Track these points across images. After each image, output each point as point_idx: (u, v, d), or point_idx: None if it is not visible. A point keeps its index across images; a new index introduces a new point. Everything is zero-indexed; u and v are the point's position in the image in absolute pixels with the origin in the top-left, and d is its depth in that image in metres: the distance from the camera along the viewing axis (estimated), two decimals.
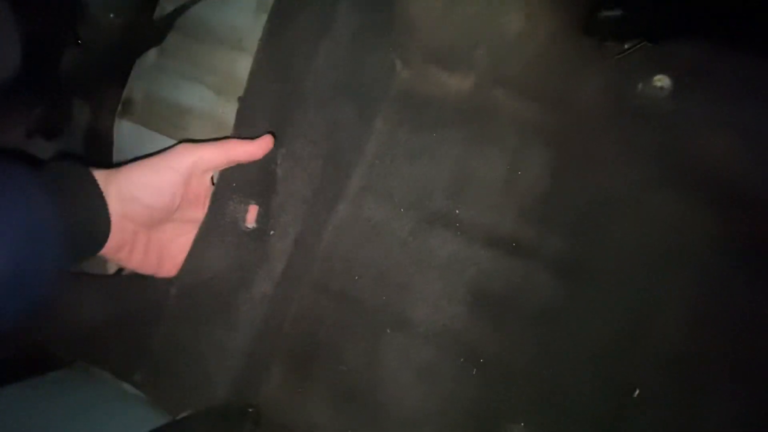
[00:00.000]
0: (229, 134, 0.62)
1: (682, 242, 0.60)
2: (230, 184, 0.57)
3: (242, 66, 0.66)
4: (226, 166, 0.56)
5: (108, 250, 0.46)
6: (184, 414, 0.49)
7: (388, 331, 0.63)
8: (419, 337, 0.63)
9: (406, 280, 0.64)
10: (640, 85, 0.61)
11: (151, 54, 0.69)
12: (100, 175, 0.44)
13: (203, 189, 0.56)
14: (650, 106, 0.61)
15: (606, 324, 0.60)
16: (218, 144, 0.54)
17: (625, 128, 0.61)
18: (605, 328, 0.60)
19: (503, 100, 0.66)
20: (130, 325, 0.47)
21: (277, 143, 0.60)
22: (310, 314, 0.64)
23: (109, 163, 0.66)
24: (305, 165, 0.61)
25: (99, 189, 0.43)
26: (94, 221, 0.43)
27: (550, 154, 0.64)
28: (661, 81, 0.61)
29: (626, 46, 0.59)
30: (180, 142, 0.58)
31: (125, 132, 0.67)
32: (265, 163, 0.59)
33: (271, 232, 0.60)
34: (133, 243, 0.50)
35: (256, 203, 0.59)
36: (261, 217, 0.59)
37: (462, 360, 0.61)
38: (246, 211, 0.59)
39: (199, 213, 0.57)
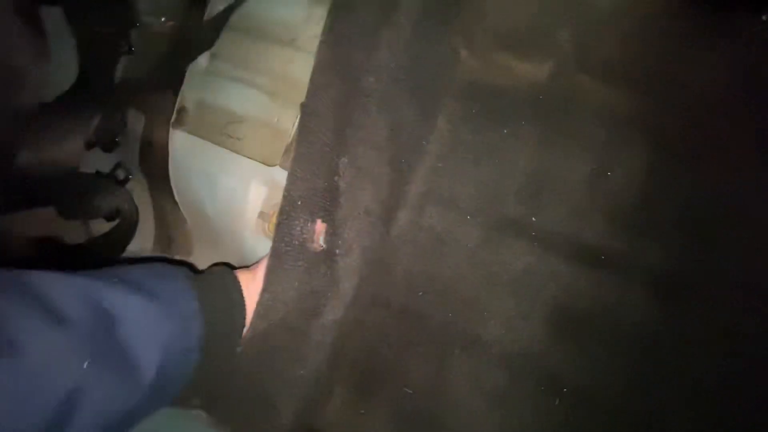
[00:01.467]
0: (286, 142, 0.59)
1: None
2: (295, 202, 0.51)
3: (297, 66, 0.61)
4: None
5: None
6: None
7: (456, 351, 0.58)
8: (492, 360, 0.57)
9: (476, 296, 0.58)
10: None
11: (203, 59, 0.66)
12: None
13: None
14: None
15: (714, 354, 0.51)
16: None
17: (756, 116, 0.50)
18: (713, 360, 0.51)
19: (588, 88, 0.57)
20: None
21: (339, 151, 0.54)
22: (372, 331, 0.60)
23: (165, 174, 0.65)
24: (368, 173, 0.55)
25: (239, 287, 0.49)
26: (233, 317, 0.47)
27: (647, 151, 0.55)
28: None
29: (765, 18, 0.47)
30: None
31: (179, 142, 0.65)
32: (329, 174, 0.53)
33: (337, 251, 0.54)
34: None
35: (323, 220, 0.53)
36: (329, 236, 0.53)
37: (542, 388, 0.55)
38: (313, 231, 0.52)
39: None
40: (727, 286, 0.52)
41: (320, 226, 0.53)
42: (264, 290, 0.50)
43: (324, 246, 0.53)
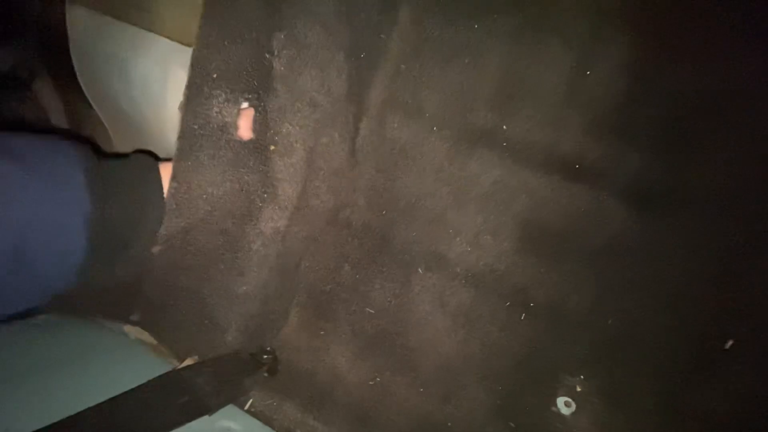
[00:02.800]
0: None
1: None
2: (209, 74, 0.41)
3: None
4: None
5: None
6: (188, 361, 0.45)
7: (420, 270, 0.55)
8: (457, 278, 0.54)
9: (442, 213, 0.54)
10: None
11: None
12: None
13: None
14: None
15: (693, 263, 0.48)
16: None
17: (742, 12, 0.44)
18: (691, 268, 0.48)
19: None
20: (117, 278, 0.41)
21: (271, 23, 0.42)
22: (332, 251, 0.56)
23: (67, 58, 0.53)
24: (314, 56, 0.44)
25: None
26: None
27: (630, 44, 0.48)
28: None
29: None
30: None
31: (79, 21, 0.53)
32: (257, 49, 0.42)
33: (272, 147, 0.45)
34: None
35: (251, 104, 0.43)
36: (259, 125, 0.44)
37: (507, 304, 0.52)
38: (237, 114, 0.43)
39: None
40: (704, 193, 0.48)
41: (248, 111, 0.44)
42: (173, 179, 0.41)
43: (253, 136, 0.44)
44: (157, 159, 0.43)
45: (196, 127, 0.42)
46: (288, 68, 0.43)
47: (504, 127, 0.52)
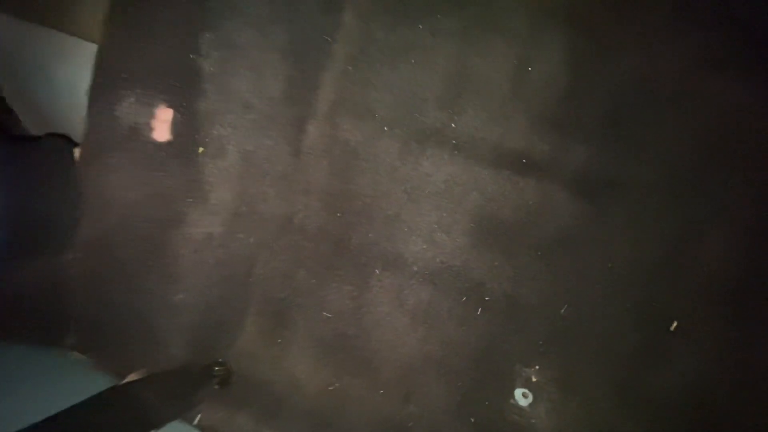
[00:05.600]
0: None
1: (746, 138, 0.47)
2: (117, 74, 0.40)
3: None
4: None
5: None
6: (133, 375, 0.43)
7: (377, 271, 0.54)
8: (413, 277, 0.54)
9: (396, 212, 0.54)
10: None
11: None
12: None
13: None
14: None
15: (637, 249, 0.50)
16: None
17: (679, 4, 0.46)
18: (636, 255, 0.50)
19: None
20: (40, 296, 0.38)
21: (197, 23, 0.43)
22: (286, 256, 0.55)
23: None
24: (246, 56, 0.45)
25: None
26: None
27: (569, 39, 0.50)
28: None
29: None
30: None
31: (3, 27, 0.47)
32: (180, 49, 0.42)
33: (200, 149, 0.45)
34: None
35: (169, 105, 0.43)
36: (179, 127, 0.44)
37: (464, 299, 0.53)
38: (152, 115, 0.42)
39: None
40: (644, 183, 0.50)
41: (164, 112, 0.44)
42: (81, 183, 0.38)
43: (171, 138, 0.44)
44: (73, 144, 0.39)
45: (102, 129, 0.40)
46: (218, 69, 0.43)
47: (453, 125, 0.53)
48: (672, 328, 0.48)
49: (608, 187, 0.51)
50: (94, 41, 0.43)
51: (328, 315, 0.54)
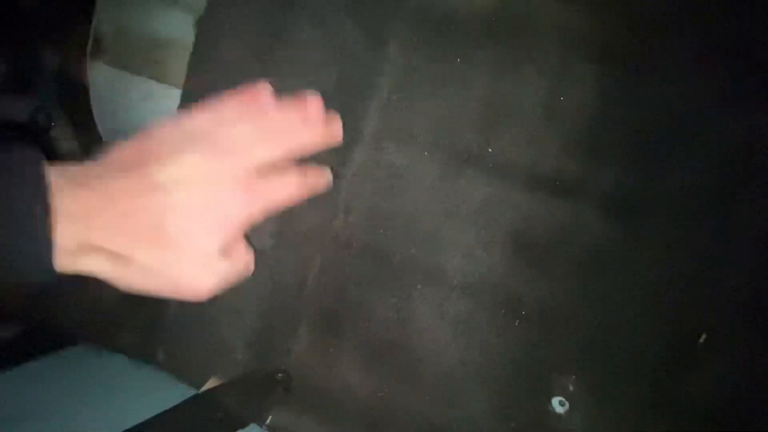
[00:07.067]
0: None
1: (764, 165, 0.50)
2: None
3: None
4: None
5: None
6: (211, 382, 0.48)
7: (419, 286, 0.58)
8: (454, 290, 0.58)
9: (436, 230, 0.58)
10: None
11: None
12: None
13: None
14: None
15: (666, 265, 0.53)
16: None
17: (701, 25, 0.49)
18: (665, 270, 0.53)
19: (541, 7, 0.55)
20: (139, 301, 0.44)
21: (260, 68, 0.47)
22: (335, 272, 0.60)
23: (89, 113, 0.57)
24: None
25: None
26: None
27: (598, 71, 0.54)
28: None
29: None
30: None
31: (101, 75, 0.56)
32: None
33: None
34: None
35: None
36: None
37: (503, 312, 0.56)
38: None
39: None
40: (680, 198, 0.53)
41: None
42: None
43: None
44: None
45: None
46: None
47: (489, 149, 0.57)
48: (701, 341, 0.51)
49: (637, 207, 0.54)
50: (178, 87, 0.48)
51: (376, 326, 0.58)
